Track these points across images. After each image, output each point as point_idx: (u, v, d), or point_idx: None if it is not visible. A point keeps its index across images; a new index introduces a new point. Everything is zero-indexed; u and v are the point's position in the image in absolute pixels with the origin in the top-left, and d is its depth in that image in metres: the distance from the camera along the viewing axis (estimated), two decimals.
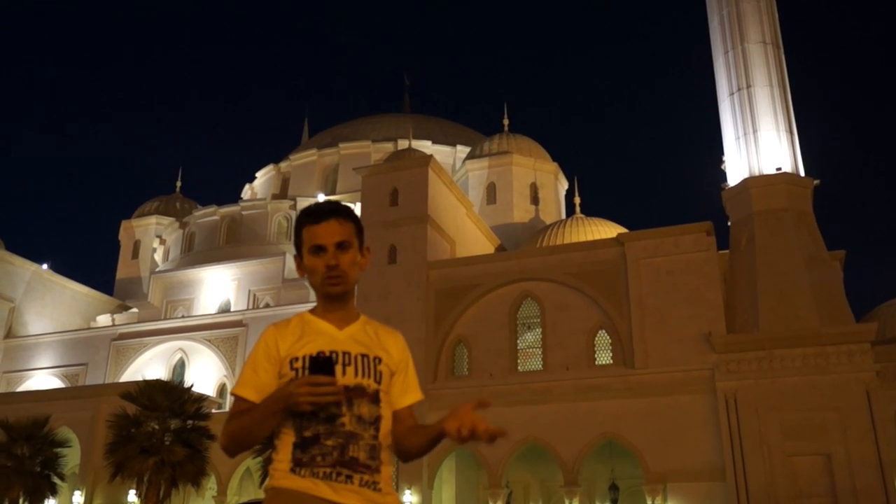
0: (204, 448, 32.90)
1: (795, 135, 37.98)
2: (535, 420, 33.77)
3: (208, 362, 46.72)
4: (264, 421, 2.91)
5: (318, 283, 3.15)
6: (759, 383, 31.48)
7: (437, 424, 3.00)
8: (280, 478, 2.94)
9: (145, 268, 61.09)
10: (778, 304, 33.41)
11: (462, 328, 36.71)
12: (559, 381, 34.28)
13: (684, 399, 32.41)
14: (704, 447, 31.61)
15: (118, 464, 31.74)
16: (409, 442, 3.11)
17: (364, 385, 3.02)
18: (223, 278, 51.14)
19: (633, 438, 32.59)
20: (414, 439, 3.10)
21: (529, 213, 53.63)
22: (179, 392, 33.95)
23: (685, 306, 33.58)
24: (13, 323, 52.65)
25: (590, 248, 36.57)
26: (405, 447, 3.13)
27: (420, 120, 65.45)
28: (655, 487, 31.86)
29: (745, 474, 30.39)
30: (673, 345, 33.15)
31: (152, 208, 64.25)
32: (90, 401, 41.02)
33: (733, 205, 36.95)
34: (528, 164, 54.91)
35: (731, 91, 38.87)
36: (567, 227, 46.02)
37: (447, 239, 41.03)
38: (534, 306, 36.41)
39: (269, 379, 3.02)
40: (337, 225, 3.12)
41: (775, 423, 30.84)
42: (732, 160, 38.10)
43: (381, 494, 2.96)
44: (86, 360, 49.87)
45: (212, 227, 56.31)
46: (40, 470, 35.13)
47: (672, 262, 34.47)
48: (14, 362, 51.56)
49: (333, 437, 2.92)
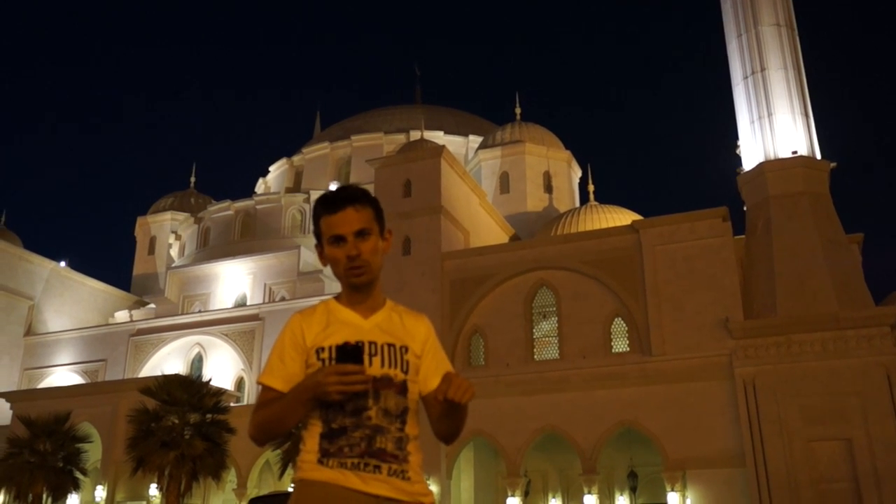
0: (223, 441, 33.07)
1: (811, 117, 37.61)
2: (553, 409, 33.76)
3: (226, 356, 46.97)
4: (292, 410, 2.90)
5: (341, 273, 3.09)
6: (778, 368, 31.29)
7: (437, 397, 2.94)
8: (308, 469, 2.94)
9: (161, 263, 61.47)
10: (796, 288, 33.17)
11: (477, 318, 36.70)
12: (576, 369, 34.22)
13: (702, 385, 32.28)
14: (723, 433, 31.49)
15: (139, 458, 31.97)
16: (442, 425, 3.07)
17: (391, 375, 2.99)
18: (239, 272, 51.33)
19: (652, 426, 32.51)
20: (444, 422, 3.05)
21: (543, 202, 53.46)
22: (198, 386, 34.13)
23: (702, 292, 33.41)
24: (33, 320, 53.16)
25: (604, 236, 36.43)
26: (441, 433, 3.11)
27: (432, 110, 65.29)
28: (674, 474, 31.79)
29: (765, 460, 30.26)
30: (690, 331, 33.00)
31: (167, 204, 64.60)
32: (110, 396, 41.36)
33: (749, 189, 36.67)
34: (541, 153, 54.71)
35: (744, 74, 38.52)
36: (581, 215, 45.84)
37: (461, 229, 40.98)
38: (549, 295, 36.33)
39: (296, 368, 3.01)
40: (354, 213, 3.06)
41: (795, 408, 30.66)
42: (747, 144, 37.80)
43: (410, 483, 2.94)
44: (105, 355, 50.27)
45: (226, 222, 56.52)
46: (63, 465, 35.45)
47: (688, 249, 34.29)
48: (35, 359, 52.07)
49: (360, 430, 2.90)
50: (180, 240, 61.29)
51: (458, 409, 2.92)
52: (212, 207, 58.30)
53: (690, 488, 31.74)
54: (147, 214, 64.75)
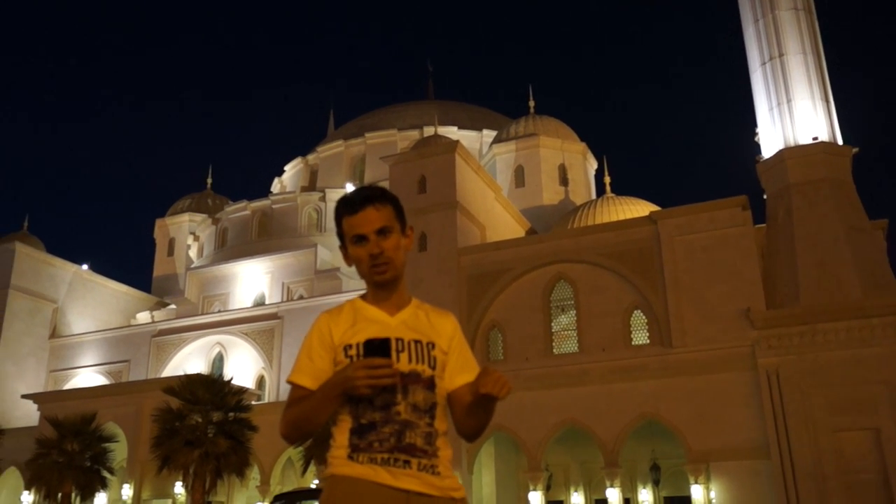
0: (246, 439, 33.36)
1: (832, 102, 37.13)
2: (573, 402, 33.62)
3: (246, 355, 47.23)
4: (322, 407, 2.93)
5: (365, 272, 3.13)
6: (802, 358, 30.95)
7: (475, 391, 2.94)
8: (339, 465, 2.95)
9: (181, 264, 61.94)
10: (819, 276, 32.78)
11: (495, 313, 36.60)
12: (595, 362, 34.04)
13: (724, 377, 32.00)
14: (747, 425, 31.21)
15: (164, 457, 32.33)
16: (468, 423, 3.07)
17: (419, 371, 3.01)
18: (257, 272, 51.59)
19: (674, 418, 32.28)
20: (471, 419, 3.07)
21: (559, 195, 53.22)
22: (220, 385, 34.43)
23: (722, 283, 33.10)
24: (57, 323, 53.80)
25: (622, 228, 36.17)
26: (465, 430, 3.10)
27: (445, 106, 65.22)
28: (698, 467, 31.56)
29: (790, 451, 29.94)
30: (711, 322, 32.72)
31: (185, 206, 65.07)
32: (134, 396, 41.80)
33: (769, 177, 36.28)
34: (556, 146, 54.46)
35: (762, 61, 38.08)
36: (598, 207, 45.56)
37: (477, 224, 40.88)
38: (567, 288, 36.15)
39: (324, 366, 3.04)
40: (374, 212, 3.10)
41: (820, 398, 30.29)
42: (766, 132, 37.39)
43: (440, 478, 2.95)
44: (128, 356, 50.78)
45: (243, 222, 56.80)
46: (90, 465, 35.98)
47: (707, 239, 33.98)
48: (60, 361, 52.69)
49: (389, 425, 2.92)
50: (198, 241, 61.66)
51: (490, 404, 2.96)
52: (229, 208, 58.62)
53: (714, 481, 31.49)
54: (165, 216, 65.29)
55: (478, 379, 2.92)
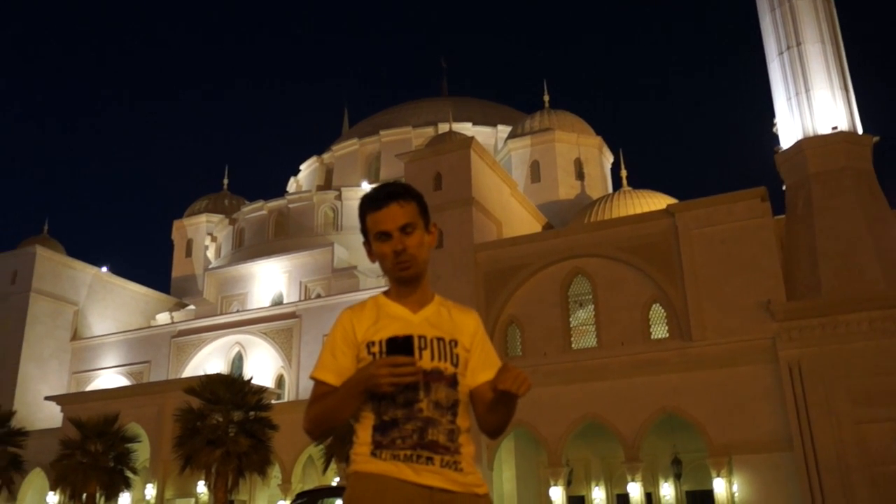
0: (267, 438, 33.55)
1: (851, 91, 36.73)
2: (592, 397, 33.52)
3: (265, 354, 47.46)
4: (345, 403, 2.94)
5: (388, 268, 3.13)
6: (824, 350, 30.67)
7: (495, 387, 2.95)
8: (362, 462, 2.97)
9: (199, 265, 62.29)
10: (840, 267, 32.48)
11: (513, 309, 36.54)
12: (615, 356, 33.92)
13: (745, 370, 31.80)
14: (769, 418, 31.00)
15: (187, 456, 32.59)
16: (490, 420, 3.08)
17: (441, 368, 3.02)
18: (274, 271, 51.80)
19: (694, 412, 32.11)
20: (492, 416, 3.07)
21: (575, 189, 53.03)
22: (240, 385, 34.64)
23: (741, 275, 32.87)
24: (78, 325, 54.32)
25: (639, 221, 35.97)
26: (488, 427, 3.11)
27: (459, 102, 65.13)
28: (720, 460, 31.39)
29: (813, 444, 29.70)
30: (730, 315, 32.51)
31: (202, 207, 65.42)
32: (155, 397, 42.13)
33: (788, 168, 35.97)
34: (571, 140, 54.24)
35: (780, 50, 37.73)
36: (615, 200, 45.35)
37: (493, 220, 40.81)
38: (585, 283, 36.02)
39: (347, 362, 3.05)
40: (398, 208, 3.11)
41: (843, 390, 30.01)
42: (785, 122, 37.06)
43: (462, 474, 2.96)
44: (148, 357, 51.17)
45: (260, 222, 57.05)
46: (114, 465, 36.29)
47: (726, 231, 33.75)
48: (82, 363, 53.19)
49: (412, 422, 2.93)
50: (216, 241, 61.99)
51: (510, 401, 2.96)
52: (245, 208, 58.89)
53: (737, 474, 31.31)
54: (183, 218, 65.67)
55: (497, 376, 2.92)
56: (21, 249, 53.53)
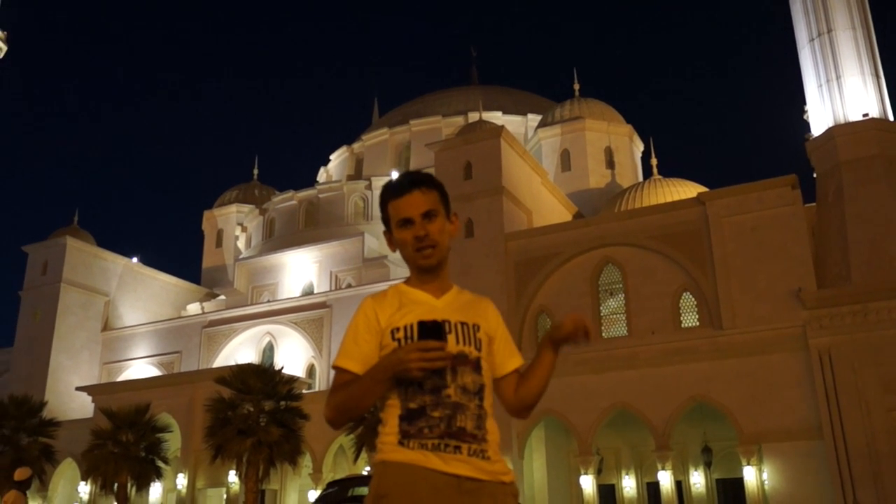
0: (298, 427, 33.71)
1: (882, 78, 36.28)
2: (623, 386, 33.48)
3: (296, 344, 47.77)
4: (370, 390, 2.90)
5: (410, 255, 3.11)
6: (855, 338, 30.41)
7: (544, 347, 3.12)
8: (389, 451, 2.94)
9: (229, 255, 62.75)
10: (871, 255, 32.13)
11: (543, 298, 36.54)
12: (645, 345, 33.85)
13: (775, 358, 31.61)
14: (799, 406, 30.82)
15: (218, 446, 32.83)
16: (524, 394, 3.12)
17: (466, 352, 2.99)
18: (305, 261, 52.09)
19: (725, 400, 31.99)
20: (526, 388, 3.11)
21: (605, 178, 52.80)
22: (271, 374, 34.81)
23: (772, 263, 32.64)
24: (109, 316, 54.87)
25: (670, 210, 35.81)
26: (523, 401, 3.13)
27: (489, 91, 64.96)
28: (750, 448, 31.27)
29: (843, 432, 29.51)
30: (761, 303, 32.31)
31: (232, 197, 65.84)
32: (186, 387, 42.53)
33: (819, 155, 35.58)
34: (602, 128, 53.97)
35: (810, 37, 37.27)
36: (645, 189, 45.12)
37: (523, 209, 40.79)
38: (615, 272, 35.94)
39: (370, 350, 3.02)
40: (420, 195, 3.08)
41: (873, 378, 29.78)
42: (815, 109, 36.64)
43: (489, 462, 2.94)
44: (179, 347, 51.62)
45: (290, 212, 57.35)
46: (145, 455, 36.52)
47: (756, 219, 33.50)
48: (113, 353, 53.81)
49: (440, 409, 2.90)
50: (246, 231, 62.40)
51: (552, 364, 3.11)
52: (276, 198, 59.22)
53: (767, 462, 31.19)
54: (213, 208, 66.11)
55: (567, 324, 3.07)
56: (52, 241, 53.99)
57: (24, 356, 51.42)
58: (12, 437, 38.31)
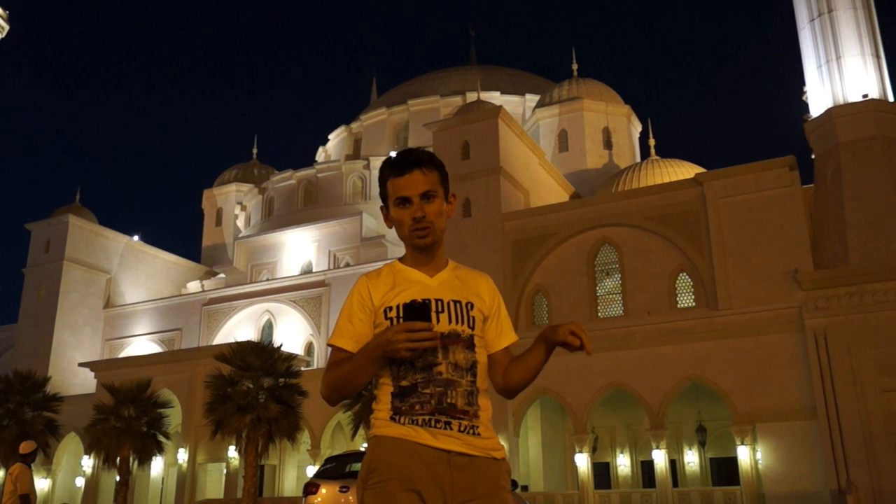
0: (296, 404, 33.97)
1: (883, 58, 36.18)
2: (619, 365, 33.73)
3: (294, 322, 48.10)
4: (363, 369, 2.93)
5: (406, 234, 3.11)
6: (850, 319, 30.61)
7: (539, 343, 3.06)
8: (382, 426, 2.99)
9: (229, 234, 62.92)
10: (868, 237, 32.25)
11: (540, 278, 36.72)
12: (641, 325, 34.06)
13: (771, 338, 31.83)
14: (794, 386, 31.08)
15: (218, 422, 33.11)
16: (511, 378, 3.12)
17: (458, 331, 3.02)
18: (303, 240, 52.30)
19: (719, 380, 32.25)
20: (514, 374, 3.11)
21: (603, 159, 52.82)
22: (270, 352, 35.00)
23: (769, 244, 32.77)
24: (111, 293, 55.30)
25: (667, 190, 35.90)
26: (509, 385, 3.14)
27: (487, 71, 64.81)
28: (744, 428, 31.57)
29: (837, 412, 29.77)
30: (757, 284, 32.48)
31: (231, 176, 65.87)
32: (187, 363, 42.95)
33: (817, 136, 35.60)
34: (600, 109, 53.91)
35: (811, 17, 37.16)
36: (642, 170, 45.19)
37: (520, 189, 40.87)
38: (612, 252, 36.09)
39: (364, 328, 3.04)
40: (420, 175, 3.07)
41: (868, 359, 30.00)
42: (814, 90, 36.61)
43: (480, 438, 2.98)
44: (180, 325, 52.06)
45: (289, 191, 57.47)
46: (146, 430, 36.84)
47: (754, 200, 33.58)
48: (114, 330, 54.26)
49: (431, 386, 2.94)
50: (245, 210, 62.55)
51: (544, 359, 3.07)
52: (275, 177, 59.32)
53: (760, 441, 31.49)
54: (213, 187, 66.14)
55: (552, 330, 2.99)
56: (54, 219, 54.36)
57: (28, 332, 51.88)
58: (17, 412, 38.67)
